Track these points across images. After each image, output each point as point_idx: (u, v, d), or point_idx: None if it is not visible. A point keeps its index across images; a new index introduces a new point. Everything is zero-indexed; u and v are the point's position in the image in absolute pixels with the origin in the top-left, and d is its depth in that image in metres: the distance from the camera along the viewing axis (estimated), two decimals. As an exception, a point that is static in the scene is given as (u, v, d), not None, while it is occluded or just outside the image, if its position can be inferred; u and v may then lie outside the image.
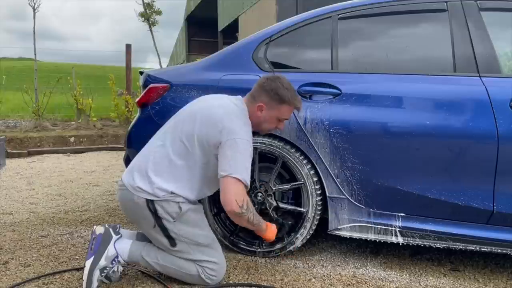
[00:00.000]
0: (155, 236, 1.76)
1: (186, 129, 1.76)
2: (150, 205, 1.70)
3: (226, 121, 1.71)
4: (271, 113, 1.84)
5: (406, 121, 1.94)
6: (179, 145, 1.74)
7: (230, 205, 1.65)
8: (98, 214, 2.96)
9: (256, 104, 1.83)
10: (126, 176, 1.79)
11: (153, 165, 1.74)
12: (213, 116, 1.74)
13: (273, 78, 1.85)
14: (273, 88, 1.81)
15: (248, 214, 1.70)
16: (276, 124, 1.89)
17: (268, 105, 1.82)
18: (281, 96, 1.81)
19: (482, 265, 2.11)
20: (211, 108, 1.79)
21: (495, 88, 1.87)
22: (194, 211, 1.79)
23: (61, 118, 8.50)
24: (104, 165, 5.16)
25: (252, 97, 1.85)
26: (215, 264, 1.76)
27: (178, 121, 1.82)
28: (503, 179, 1.85)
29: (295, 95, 1.85)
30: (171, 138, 1.77)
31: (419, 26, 2.14)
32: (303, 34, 2.24)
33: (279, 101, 1.82)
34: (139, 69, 2.66)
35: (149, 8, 23.38)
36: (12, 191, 3.65)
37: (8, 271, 1.95)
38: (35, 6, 8.34)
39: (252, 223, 1.76)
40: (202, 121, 1.74)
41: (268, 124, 1.88)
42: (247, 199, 1.70)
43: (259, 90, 1.84)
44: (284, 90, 1.81)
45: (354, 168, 2.01)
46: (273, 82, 1.82)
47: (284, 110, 1.84)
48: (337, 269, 2.03)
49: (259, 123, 1.87)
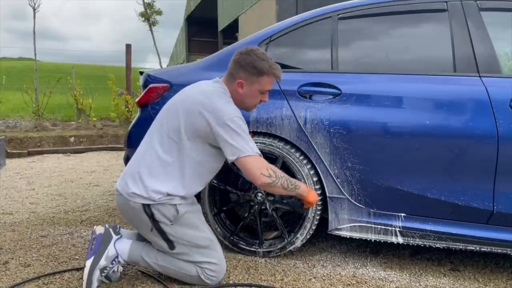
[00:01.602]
0: (154, 239, 1.75)
1: (172, 124, 1.73)
2: (146, 209, 1.69)
3: (208, 105, 1.69)
4: (252, 88, 1.79)
5: (406, 121, 1.94)
6: (168, 142, 1.72)
7: (259, 179, 1.67)
8: (98, 214, 2.96)
9: (235, 82, 1.78)
10: (120, 183, 1.76)
11: (145, 168, 1.72)
12: (194, 104, 1.72)
13: (247, 51, 1.79)
14: (249, 62, 1.76)
15: (280, 181, 1.71)
16: (260, 98, 1.84)
17: (247, 80, 1.78)
18: (259, 69, 1.76)
19: (482, 265, 2.11)
20: (191, 97, 1.76)
21: (495, 88, 1.87)
22: (192, 212, 1.78)
23: (61, 118, 8.50)
24: (104, 165, 5.16)
25: (230, 75, 1.81)
26: (215, 265, 1.76)
27: (162, 119, 1.79)
28: (503, 179, 1.85)
29: (273, 64, 1.80)
30: (158, 137, 1.75)
31: (419, 26, 2.14)
32: (303, 34, 2.24)
33: (258, 74, 1.77)
34: (139, 69, 2.66)
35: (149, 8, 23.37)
36: (12, 191, 3.65)
37: (8, 271, 1.95)
38: (35, 6, 8.35)
39: (288, 188, 1.75)
40: (185, 113, 1.72)
41: (251, 99, 1.83)
42: (270, 167, 1.70)
43: (235, 67, 1.79)
44: (261, 62, 1.76)
45: (354, 168, 2.01)
46: (248, 56, 1.77)
47: (264, 82, 1.79)
48: (337, 269, 2.03)
49: (243, 100, 1.82)
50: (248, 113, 2.11)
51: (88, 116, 7.72)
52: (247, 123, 2.09)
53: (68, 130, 7.30)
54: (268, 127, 2.10)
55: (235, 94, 1.81)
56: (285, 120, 2.08)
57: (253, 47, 1.84)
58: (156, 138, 1.76)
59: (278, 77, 1.83)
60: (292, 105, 2.09)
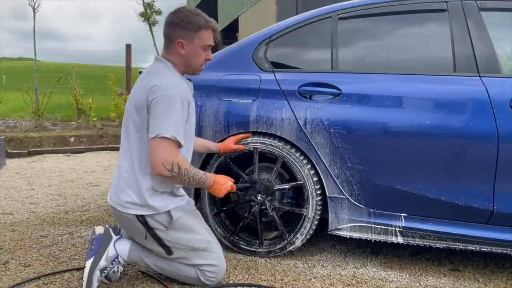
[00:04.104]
0: (150, 246, 1.75)
1: (131, 119, 1.71)
2: (140, 218, 1.69)
3: (148, 84, 1.65)
4: (193, 45, 1.74)
5: (406, 121, 1.94)
6: (135, 139, 1.70)
7: (157, 169, 1.60)
8: (98, 214, 2.96)
9: (175, 44, 1.73)
10: (110, 196, 1.76)
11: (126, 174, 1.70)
12: (139, 89, 1.70)
13: (178, 9, 1.76)
14: (183, 18, 1.72)
15: (180, 177, 1.63)
16: (204, 56, 1.79)
17: (186, 37, 1.73)
18: (195, 23, 1.72)
19: (482, 265, 2.11)
20: (137, 85, 1.74)
21: (495, 88, 1.87)
22: (187, 215, 1.77)
23: (61, 118, 8.49)
24: (104, 165, 5.16)
25: (168, 40, 1.75)
26: (214, 267, 1.76)
27: (125, 119, 1.76)
28: (503, 179, 1.85)
29: (208, 17, 1.76)
30: (126, 136, 1.73)
31: (419, 26, 2.14)
32: (303, 34, 2.24)
33: (196, 29, 1.72)
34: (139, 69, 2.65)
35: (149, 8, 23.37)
36: (12, 191, 3.65)
37: (8, 271, 1.95)
38: (35, 6, 8.36)
39: (189, 184, 1.70)
40: (134, 101, 1.69)
41: (196, 58, 1.77)
42: (177, 161, 1.61)
43: (171, 28, 1.74)
44: (195, 16, 1.72)
45: (354, 168, 2.01)
46: (180, 13, 1.73)
47: (204, 36, 1.74)
48: (337, 269, 2.03)
49: (188, 62, 1.77)
50: (248, 113, 2.12)
51: (88, 116, 7.71)
52: (247, 123, 2.11)
53: (68, 130, 7.30)
54: (268, 127, 2.10)
55: (178, 58, 1.76)
56: (285, 120, 2.08)
57: (183, 5, 1.79)
58: (125, 138, 1.74)
59: (215, 30, 1.79)
60: (292, 105, 2.09)
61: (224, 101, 2.19)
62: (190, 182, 1.69)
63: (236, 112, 2.15)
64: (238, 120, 2.14)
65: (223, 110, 2.17)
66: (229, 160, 2.15)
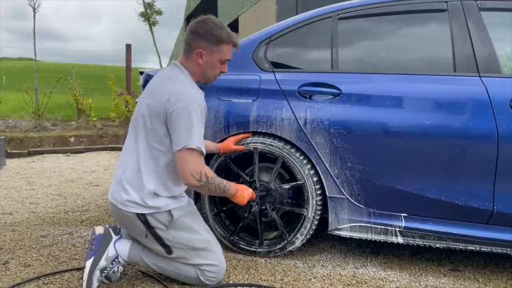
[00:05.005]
0: (150, 245, 1.75)
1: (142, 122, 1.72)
2: (140, 217, 1.69)
3: (166, 92, 1.66)
4: (212, 57, 1.76)
5: (406, 121, 1.93)
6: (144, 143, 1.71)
7: (187, 180, 1.65)
8: (98, 214, 2.96)
9: (194, 53, 1.75)
10: (111, 193, 1.76)
11: (130, 173, 1.71)
12: (155, 94, 1.70)
13: (203, 20, 1.76)
14: (207, 30, 1.73)
15: (208, 186, 1.68)
16: (220, 68, 1.81)
17: (207, 49, 1.74)
18: (218, 37, 1.73)
19: (482, 265, 2.11)
20: (152, 89, 1.74)
21: (495, 88, 1.87)
22: (188, 215, 1.77)
23: (61, 118, 8.48)
24: (104, 165, 5.16)
25: (188, 47, 1.77)
26: (214, 266, 1.76)
27: (134, 119, 1.77)
28: (503, 179, 1.85)
29: (231, 32, 1.78)
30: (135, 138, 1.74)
31: (419, 26, 2.14)
32: (303, 34, 2.24)
33: (217, 42, 1.74)
34: (139, 69, 2.66)
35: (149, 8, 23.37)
36: (12, 191, 3.65)
37: (8, 271, 1.95)
38: (35, 6, 8.35)
39: (215, 193, 1.74)
40: (149, 106, 1.70)
41: (212, 70, 1.80)
42: (205, 171, 1.66)
43: (193, 37, 1.75)
44: (219, 30, 1.74)
45: (354, 168, 2.01)
46: (205, 24, 1.74)
47: (224, 50, 1.77)
48: (337, 269, 2.03)
49: (204, 72, 1.79)
50: (248, 113, 2.12)
51: (88, 116, 7.71)
52: (247, 123, 2.11)
53: (68, 130, 7.30)
54: (268, 127, 2.10)
55: (195, 67, 1.77)
56: (285, 120, 2.08)
57: (209, 15, 1.80)
58: (133, 140, 1.75)
59: (237, 45, 1.81)
60: (292, 105, 2.09)
61: (224, 101, 2.19)
62: (216, 190, 1.72)
63: (236, 112, 2.15)
64: (238, 120, 2.14)
65: (223, 110, 2.17)
66: (229, 160, 2.15)
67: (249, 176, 2.18)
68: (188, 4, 17.85)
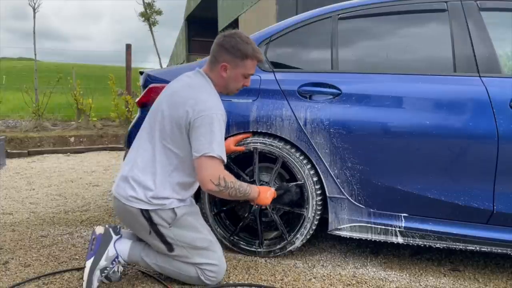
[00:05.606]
0: (152, 242, 1.75)
1: (159, 123, 1.72)
2: (144, 213, 1.69)
3: (190, 99, 1.68)
4: (236, 71, 1.78)
5: (406, 121, 1.94)
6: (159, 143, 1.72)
7: (206, 186, 1.66)
8: (98, 214, 2.96)
9: (218, 65, 1.77)
10: (116, 188, 1.76)
11: (138, 171, 1.71)
12: (178, 100, 1.71)
13: (231, 34, 1.78)
14: (234, 44, 1.75)
15: (228, 191, 1.68)
16: (243, 82, 1.84)
17: (231, 63, 1.76)
18: (243, 52, 1.75)
19: (482, 265, 2.11)
20: (174, 94, 1.75)
21: (495, 88, 1.87)
22: (190, 214, 1.78)
23: (61, 118, 8.49)
24: (104, 165, 5.16)
25: (214, 59, 1.79)
26: (214, 266, 1.76)
27: (150, 119, 1.78)
28: (503, 179, 1.85)
29: (256, 47, 1.80)
30: (149, 138, 1.74)
31: (419, 26, 2.14)
32: (303, 34, 2.24)
33: (242, 57, 1.76)
34: (139, 69, 2.66)
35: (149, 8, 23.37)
36: (12, 191, 3.65)
37: (8, 271, 1.95)
38: (35, 6, 8.35)
39: (236, 197, 1.74)
40: (170, 110, 1.71)
41: (235, 83, 1.82)
42: (223, 175, 1.67)
43: (219, 50, 1.77)
44: (244, 45, 1.76)
45: (354, 168, 2.01)
46: (232, 39, 1.76)
47: (249, 65, 1.79)
48: (337, 269, 2.03)
49: (226, 85, 1.82)
50: (248, 113, 2.12)
51: (88, 116, 7.71)
52: (247, 123, 2.11)
53: (68, 130, 7.30)
54: (268, 127, 2.10)
55: (218, 79, 1.80)
56: (285, 120, 2.08)
57: (236, 30, 1.83)
58: (146, 139, 1.75)
59: (261, 61, 1.85)
60: (292, 105, 2.09)
61: (224, 101, 2.17)
62: (237, 194, 1.72)
63: (236, 112, 2.15)
64: (238, 120, 2.14)
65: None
66: (229, 160, 2.15)
67: (249, 176, 2.18)
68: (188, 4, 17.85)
